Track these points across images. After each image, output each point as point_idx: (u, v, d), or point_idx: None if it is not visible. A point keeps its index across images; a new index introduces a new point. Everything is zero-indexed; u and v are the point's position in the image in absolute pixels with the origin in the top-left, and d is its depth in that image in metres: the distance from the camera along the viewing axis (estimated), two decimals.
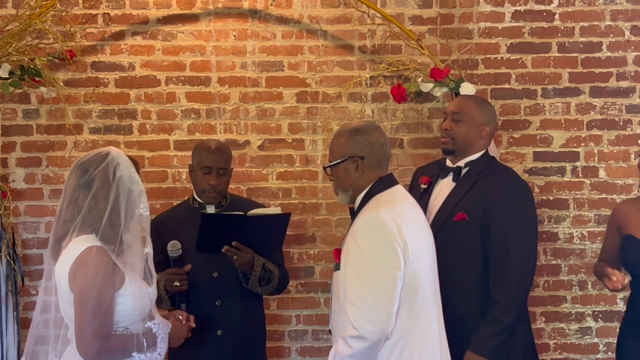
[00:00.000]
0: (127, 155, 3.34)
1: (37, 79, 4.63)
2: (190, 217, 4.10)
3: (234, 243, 3.94)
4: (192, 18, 5.04)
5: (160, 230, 4.05)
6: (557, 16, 5.10)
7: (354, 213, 3.54)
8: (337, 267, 3.48)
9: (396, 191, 3.53)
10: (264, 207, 4.31)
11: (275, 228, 4.05)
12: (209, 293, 4.02)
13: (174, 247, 4.01)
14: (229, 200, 4.28)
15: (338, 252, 3.50)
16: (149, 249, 3.32)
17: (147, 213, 3.29)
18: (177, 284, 3.99)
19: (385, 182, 3.53)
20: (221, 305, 4.10)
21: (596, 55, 5.10)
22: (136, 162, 3.39)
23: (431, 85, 4.81)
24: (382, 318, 3.28)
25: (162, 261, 4.02)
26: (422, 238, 3.46)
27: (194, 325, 3.56)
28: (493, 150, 4.41)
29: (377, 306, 3.28)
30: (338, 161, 3.52)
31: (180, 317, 3.52)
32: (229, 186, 4.30)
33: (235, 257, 3.96)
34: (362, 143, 3.51)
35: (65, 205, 3.29)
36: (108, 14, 4.99)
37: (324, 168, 3.64)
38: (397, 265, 3.33)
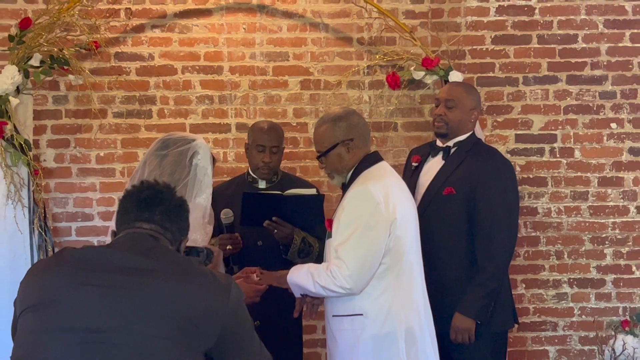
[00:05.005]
0: (210, 152, 3.37)
1: (65, 67, 4.63)
2: (243, 190, 4.09)
3: (274, 218, 3.95)
4: (206, 12, 5.03)
5: (215, 199, 4.02)
6: (537, 11, 5.08)
7: (344, 187, 3.58)
8: (329, 236, 3.51)
9: (382, 167, 3.56)
10: (310, 185, 4.31)
11: (310, 207, 4.01)
12: (252, 260, 3.90)
13: (226, 215, 4.00)
14: (280, 177, 4.30)
15: (330, 222, 3.52)
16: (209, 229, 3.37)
17: (205, 204, 3.29)
18: (230, 247, 3.96)
19: (372, 159, 3.56)
20: None
21: (572, 46, 5.08)
22: (214, 159, 3.43)
23: (423, 73, 4.82)
24: (364, 278, 3.35)
25: (215, 228, 4.00)
26: (406, 208, 3.49)
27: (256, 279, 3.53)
28: (479, 133, 4.42)
29: (360, 268, 3.33)
30: (330, 147, 3.53)
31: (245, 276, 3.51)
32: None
33: (275, 230, 3.97)
34: (347, 127, 3.53)
35: (138, 167, 3.33)
36: (129, 8, 4.97)
37: (318, 157, 3.62)
38: (384, 231, 3.37)
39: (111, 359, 2.30)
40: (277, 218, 3.97)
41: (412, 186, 4.07)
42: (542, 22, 5.08)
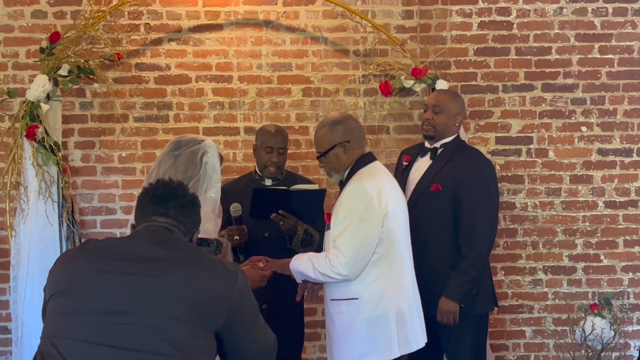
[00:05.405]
0: (218, 151, 3.34)
1: (91, 76, 4.61)
2: (251, 187, 4.06)
3: (280, 211, 3.94)
4: (217, 27, 5.01)
5: (226, 195, 4.00)
6: (515, 25, 5.06)
7: (342, 184, 3.58)
8: (328, 228, 3.52)
9: (375, 166, 3.57)
10: (311, 182, 4.28)
11: (313, 201, 4.00)
12: (260, 249, 3.89)
13: (235, 209, 3.98)
14: (284, 175, 4.26)
15: (329, 216, 3.53)
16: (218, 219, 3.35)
17: (215, 197, 3.27)
18: (237, 237, 3.95)
19: (366, 159, 3.56)
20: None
21: (547, 57, 5.07)
22: (222, 157, 3.40)
23: (412, 82, 4.81)
24: (359, 266, 3.34)
25: (225, 221, 3.98)
26: (397, 203, 3.50)
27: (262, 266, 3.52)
28: (462, 135, 4.41)
29: (355, 256, 3.33)
30: (329, 148, 3.53)
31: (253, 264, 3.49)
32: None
33: (281, 222, 3.96)
34: (344, 130, 3.53)
35: (154, 166, 3.30)
36: (149, 24, 4.97)
37: (318, 157, 3.62)
38: (377, 224, 3.37)
39: (129, 338, 2.31)
40: (283, 211, 3.95)
41: (403, 183, 4.08)
42: (519, 35, 5.07)
